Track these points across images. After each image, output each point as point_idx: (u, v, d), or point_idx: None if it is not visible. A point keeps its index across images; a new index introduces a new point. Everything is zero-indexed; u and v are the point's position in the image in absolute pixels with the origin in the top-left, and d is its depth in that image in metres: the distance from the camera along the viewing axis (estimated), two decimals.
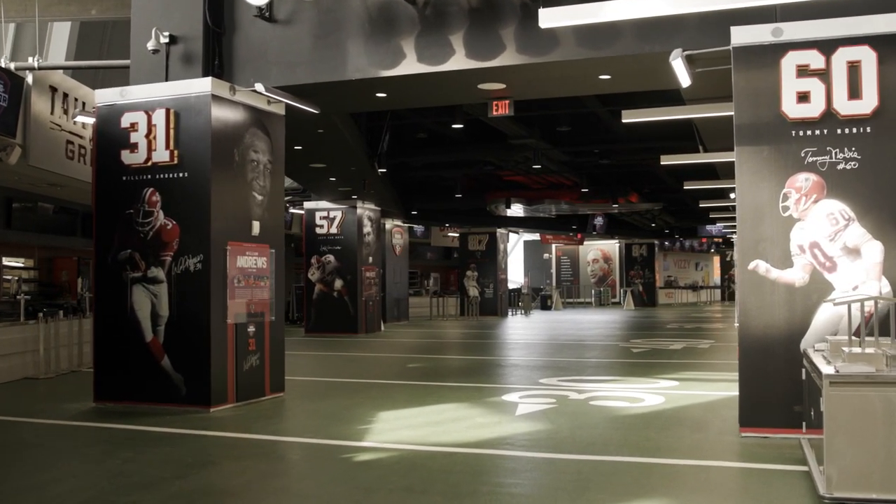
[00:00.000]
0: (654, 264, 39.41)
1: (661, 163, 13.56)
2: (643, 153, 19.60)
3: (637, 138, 18.31)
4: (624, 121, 9.99)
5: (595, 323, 25.58)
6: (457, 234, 31.94)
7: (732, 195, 18.72)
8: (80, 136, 12.64)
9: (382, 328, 22.28)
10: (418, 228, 34.22)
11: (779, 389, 6.82)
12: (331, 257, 21.20)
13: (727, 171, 15.42)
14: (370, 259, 21.59)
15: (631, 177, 25.06)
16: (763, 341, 6.89)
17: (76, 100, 12.50)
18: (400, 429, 7.50)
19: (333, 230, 21.16)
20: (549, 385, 10.29)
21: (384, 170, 16.48)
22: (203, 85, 8.82)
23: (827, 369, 4.74)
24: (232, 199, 9.06)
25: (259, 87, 8.85)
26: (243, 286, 9.13)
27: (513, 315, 31.20)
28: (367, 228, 21.49)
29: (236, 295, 9.02)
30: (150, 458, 6.39)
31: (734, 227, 30.91)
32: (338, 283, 21.07)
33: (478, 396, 9.45)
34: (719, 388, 9.92)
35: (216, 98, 8.84)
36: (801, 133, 6.86)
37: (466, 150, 19.37)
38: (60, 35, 16.49)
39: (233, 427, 7.79)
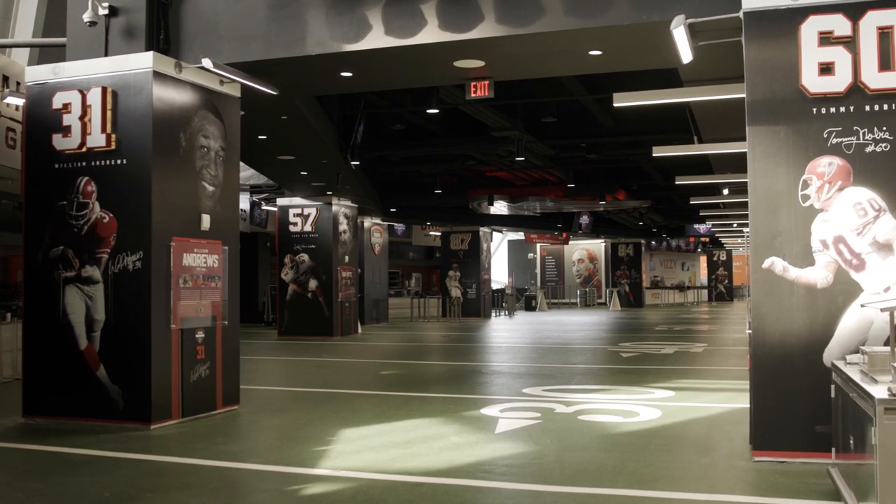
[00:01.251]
0: (640, 264, 38.57)
1: (654, 154, 12.65)
2: (632, 147, 18.69)
3: (626, 131, 17.39)
4: (616, 105, 9.05)
5: (581, 325, 24.68)
6: (438, 233, 30.97)
7: (726, 191, 17.88)
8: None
9: (359, 331, 21.29)
10: (399, 227, 33.25)
11: (798, 407, 5.90)
12: (305, 256, 20.19)
13: (723, 163, 14.56)
14: (346, 258, 20.60)
15: (618, 173, 24.16)
16: (780, 351, 5.96)
17: (18, 84, 11.43)
18: (362, 451, 6.53)
19: (308, 228, 20.15)
20: (533, 396, 9.35)
21: (357, 163, 15.44)
22: (143, 60, 7.82)
23: (879, 392, 3.82)
24: (177, 189, 8.06)
25: (207, 62, 7.85)
26: (190, 287, 8.13)
27: (496, 316, 30.27)
28: (343, 226, 20.49)
29: (182, 297, 8.03)
30: (61, 491, 5.39)
31: (725, 225, 30.23)
32: (312, 284, 20.07)
33: (454, 410, 8.49)
34: (720, 399, 9.02)
35: (159, 75, 7.84)
36: (823, 110, 5.95)
37: (446, 143, 18.40)
38: (27, 14, 15.47)
39: (172, 448, 6.80)
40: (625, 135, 17.54)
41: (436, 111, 12.02)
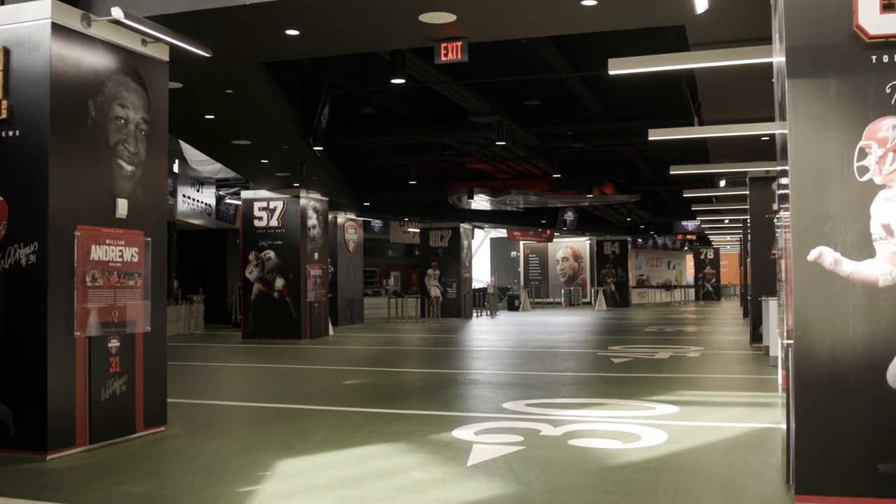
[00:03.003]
0: (626, 262, 37.35)
1: (650, 138, 11.36)
2: (623, 136, 17.39)
3: (616, 117, 16.09)
4: (611, 72, 7.70)
5: (566, 326, 23.39)
6: (417, 230, 29.59)
7: (723, 182, 16.63)
8: None
9: (331, 333, 19.88)
10: (376, 224, 31.87)
11: (853, 439, 4.59)
12: (271, 253, 18.77)
13: (722, 150, 13.29)
14: (316, 255, 19.19)
15: (606, 165, 22.87)
16: (830, 367, 4.65)
17: None
18: (297, 493, 5.16)
19: (274, 222, 18.73)
20: (515, 413, 8.01)
21: (321, 148, 13.99)
22: (39, 10, 6.41)
23: None
24: (85, 168, 6.66)
25: (116, 12, 6.44)
26: (101, 286, 6.73)
27: (478, 317, 28.92)
28: (313, 221, 19.08)
29: (90, 298, 6.62)
30: None
31: (715, 221, 28.99)
32: (278, 283, 18.65)
33: (421, 431, 7.13)
34: (733, 417, 7.74)
35: (60, 29, 6.44)
36: (885, 59, 4.64)
37: (421, 129, 17.01)
38: None
39: (60, 489, 5.41)
40: (615, 121, 16.22)
41: (402, 81, 10.49)
